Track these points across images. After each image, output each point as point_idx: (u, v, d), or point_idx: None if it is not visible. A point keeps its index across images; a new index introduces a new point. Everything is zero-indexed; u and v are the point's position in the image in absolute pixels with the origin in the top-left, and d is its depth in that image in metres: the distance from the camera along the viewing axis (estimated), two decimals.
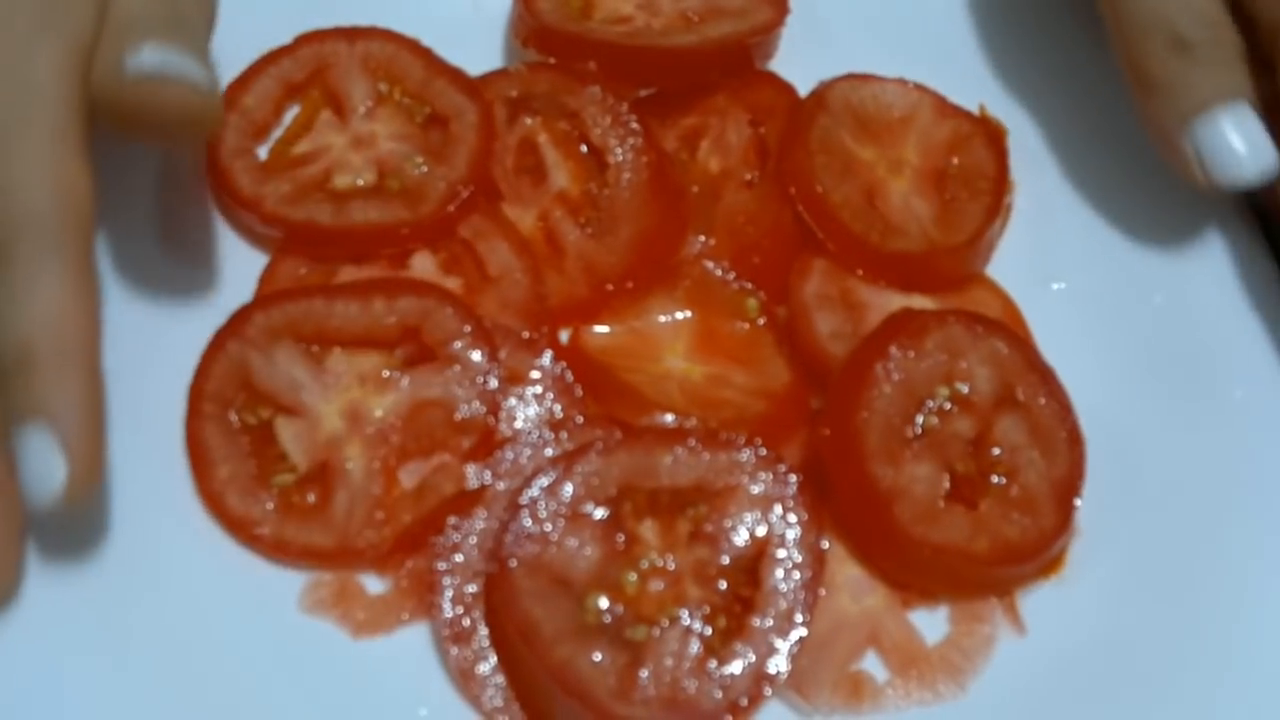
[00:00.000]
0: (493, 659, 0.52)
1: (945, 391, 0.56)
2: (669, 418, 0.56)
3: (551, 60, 0.63)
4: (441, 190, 0.59)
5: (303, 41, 0.62)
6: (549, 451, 0.55)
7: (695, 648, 0.51)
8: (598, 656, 0.50)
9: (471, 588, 0.52)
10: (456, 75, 0.62)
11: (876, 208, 0.61)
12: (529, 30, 0.63)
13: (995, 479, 0.55)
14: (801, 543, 0.52)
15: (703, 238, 0.61)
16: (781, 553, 0.52)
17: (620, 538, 0.52)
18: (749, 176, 0.63)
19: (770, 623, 0.51)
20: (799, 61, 0.65)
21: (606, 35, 0.63)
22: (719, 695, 0.50)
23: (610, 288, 0.59)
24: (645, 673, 0.50)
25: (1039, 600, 0.55)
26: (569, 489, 0.52)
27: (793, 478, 0.53)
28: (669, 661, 0.50)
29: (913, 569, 0.54)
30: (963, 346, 0.57)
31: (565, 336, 0.59)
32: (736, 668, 0.50)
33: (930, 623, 0.54)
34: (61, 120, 0.49)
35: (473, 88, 0.62)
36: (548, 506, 0.52)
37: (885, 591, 0.54)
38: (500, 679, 0.51)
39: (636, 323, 0.59)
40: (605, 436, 0.53)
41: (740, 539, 0.53)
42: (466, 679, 0.51)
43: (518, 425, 0.56)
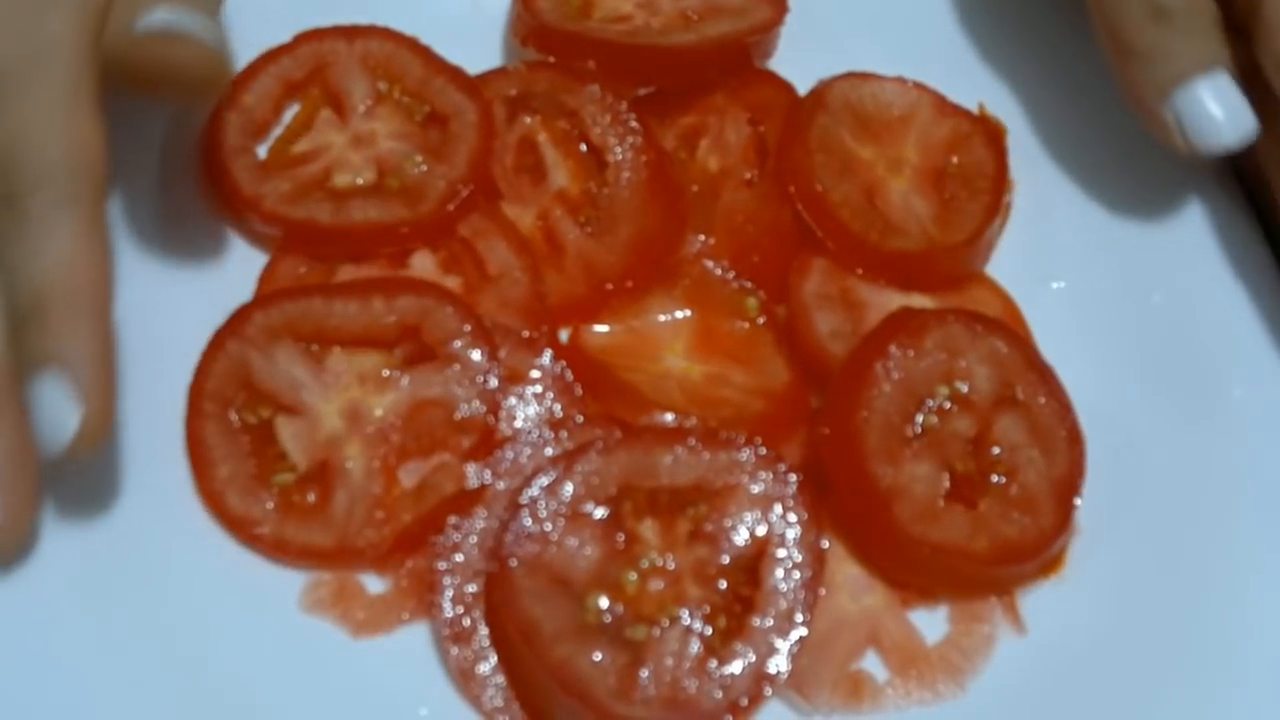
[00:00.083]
0: (493, 659, 0.51)
1: (945, 390, 0.56)
2: (669, 417, 0.56)
3: (551, 59, 0.63)
4: (441, 189, 0.59)
5: (302, 40, 0.62)
6: (549, 451, 0.55)
7: (695, 647, 0.51)
8: (598, 656, 0.50)
9: (471, 587, 0.52)
10: (456, 74, 0.62)
11: (876, 206, 0.61)
12: (528, 29, 0.63)
13: (995, 478, 0.55)
14: (801, 542, 0.52)
15: (702, 237, 0.61)
16: (781, 552, 0.52)
17: (620, 537, 0.52)
18: (748, 175, 0.63)
19: (770, 622, 0.51)
20: (798, 60, 0.65)
21: (606, 34, 0.63)
22: (719, 695, 0.50)
23: (610, 287, 0.59)
24: (645, 672, 0.50)
25: (1039, 600, 0.55)
26: (569, 488, 0.52)
27: (792, 477, 0.53)
28: (669, 661, 0.50)
29: (912, 568, 0.54)
30: (962, 345, 0.57)
31: (565, 336, 0.59)
32: (737, 667, 0.50)
33: (930, 622, 0.54)
34: (75, 77, 0.49)
35: (472, 86, 0.61)
36: (548, 506, 0.52)
37: (885, 591, 0.54)
38: (500, 679, 0.51)
39: (636, 322, 0.59)
40: (605, 436, 0.53)
41: (740, 538, 0.53)
42: (467, 679, 0.51)
43: (518, 424, 0.56)
